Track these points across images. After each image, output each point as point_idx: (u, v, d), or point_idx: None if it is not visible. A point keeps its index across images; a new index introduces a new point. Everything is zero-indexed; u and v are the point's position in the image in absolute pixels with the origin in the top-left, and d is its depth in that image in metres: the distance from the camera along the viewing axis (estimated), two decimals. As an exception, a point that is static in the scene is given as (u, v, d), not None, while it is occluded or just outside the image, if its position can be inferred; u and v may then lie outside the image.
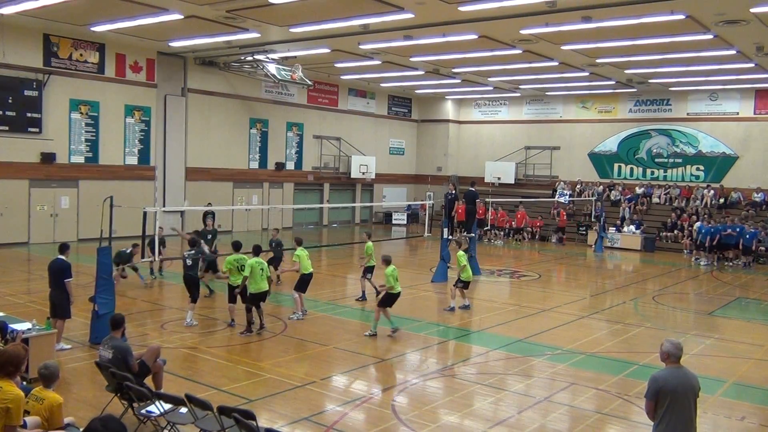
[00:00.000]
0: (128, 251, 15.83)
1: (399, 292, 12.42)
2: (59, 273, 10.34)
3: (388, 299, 12.29)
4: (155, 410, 6.93)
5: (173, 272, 18.48)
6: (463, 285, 14.49)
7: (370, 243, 15.60)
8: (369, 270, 15.43)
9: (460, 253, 14.84)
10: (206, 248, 15.28)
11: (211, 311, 13.93)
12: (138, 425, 7.39)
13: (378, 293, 15.39)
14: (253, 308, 11.96)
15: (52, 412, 5.71)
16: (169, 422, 6.92)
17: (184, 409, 6.91)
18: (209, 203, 21.95)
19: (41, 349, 8.76)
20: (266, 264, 12.12)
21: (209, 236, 17.40)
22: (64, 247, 10.71)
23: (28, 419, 5.65)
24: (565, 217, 30.28)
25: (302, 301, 13.63)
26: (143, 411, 7.07)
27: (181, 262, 13.42)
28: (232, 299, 12.54)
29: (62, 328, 10.49)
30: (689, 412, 5.57)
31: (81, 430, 5.29)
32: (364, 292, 15.58)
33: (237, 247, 12.63)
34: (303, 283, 13.55)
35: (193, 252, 12.83)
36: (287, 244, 17.97)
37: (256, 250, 12.37)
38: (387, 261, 12.46)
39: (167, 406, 6.94)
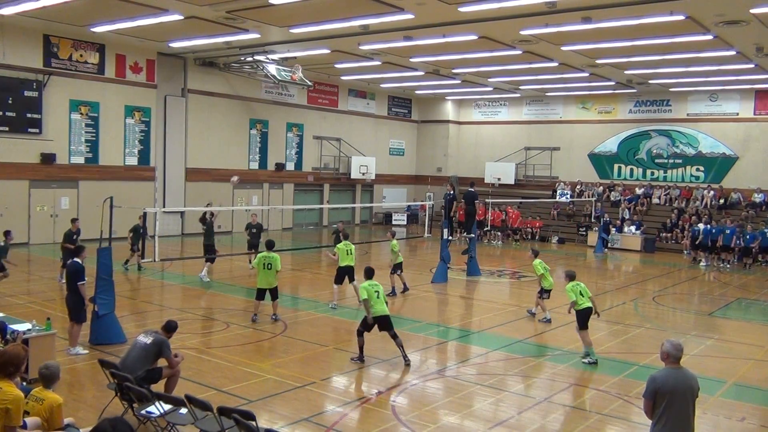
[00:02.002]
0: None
1: (589, 308, 10.99)
2: (72, 276, 10.26)
3: (581, 318, 11.01)
4: (155, 411, 6.93)
5: (173, 272, 18.50)
6: (548, 295, 13.85)
7: (394, 241, 16.27)
8: (399, 266, 16.10)
9: (537, 261, 13.99)
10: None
11: (211, 312, 13.93)
12: (138, 426, 7.38)
13: (405, 289, 16.11)
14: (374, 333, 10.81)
15: (52, 412, 5.71)
16: (169, 423, 6.92)
17: (184, 410, 6.90)
18: (209, 203, 21.95)
19: (41, 349, 8.74)
20: (380, 286, 10.84)
21: (254, 230, 18.74)
22: (79, 249, 10.65)
23: (28, 420, 5.65)
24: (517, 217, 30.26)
25: (337, 294, 14.70)
26: (143, 412, 7.07)
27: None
28: (259, 296, 12.93)
29: (77, 332, 10.41)
30: (686, 412, 5.59)
31: (89, 429, 5.28)
32: (394, 288, 16.09)
33: (270, 245, 13.11)
34: (337, 275, 14.66)
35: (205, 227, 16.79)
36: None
37: (369, 273, 11.09)
38: (570, 276, 11.41)
39: (167, 407, 6.93)
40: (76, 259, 10.44)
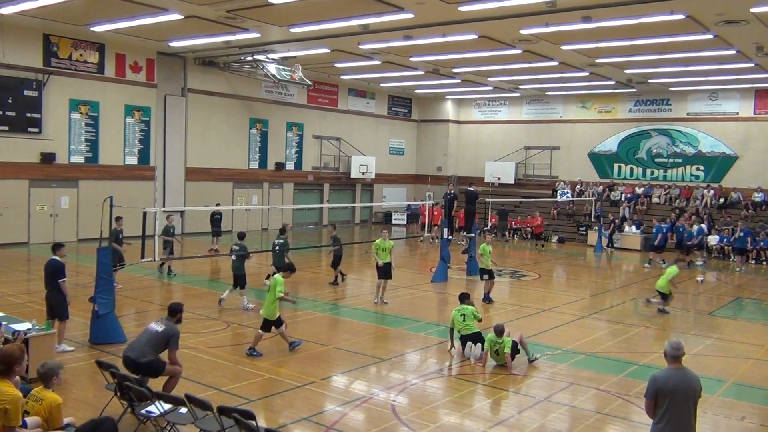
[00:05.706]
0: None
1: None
2: (53, 274, 10.18)
3: None
4: (155, 410, 6.93)
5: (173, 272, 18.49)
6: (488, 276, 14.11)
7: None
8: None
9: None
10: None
11: (211, 311, 13.92)
12: (138, 425, 7.38)
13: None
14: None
15: (52, 412, 5.71)
16: (169, 422, 6.92)
17: (183, 410, 6.91)
18: (218, 203, 21.86)
19: (41, 349, 8.72)
20: (470, 308, 11.05)
21: (277, 247, 15.95)
22: (56, 246, 10.58)
23: (28, 419, 5.66)
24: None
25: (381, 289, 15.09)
26: (143, 411, 7.07)
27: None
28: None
29: (63, 329, 10.40)
30: (687, 412, 5.60)
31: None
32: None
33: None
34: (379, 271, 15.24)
35: (238, 248, 14.33)
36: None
37: (462, 298, 11.39)
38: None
39: (167, 407, 6.94)
40: (54, 257, 10.33)
